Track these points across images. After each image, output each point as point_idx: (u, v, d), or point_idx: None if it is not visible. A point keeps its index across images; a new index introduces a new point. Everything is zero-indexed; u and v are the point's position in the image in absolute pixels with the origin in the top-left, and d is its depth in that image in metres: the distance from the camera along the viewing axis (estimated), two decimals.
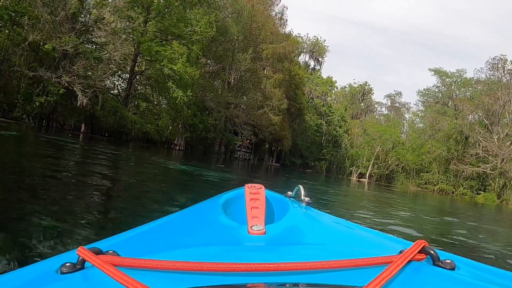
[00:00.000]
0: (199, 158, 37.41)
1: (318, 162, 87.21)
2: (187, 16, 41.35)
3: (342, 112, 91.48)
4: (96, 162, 13.21)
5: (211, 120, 52.53)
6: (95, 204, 5.97)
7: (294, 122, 73.71)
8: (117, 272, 0.74)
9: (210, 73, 54.29)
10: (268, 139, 65.31)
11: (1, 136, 16.99)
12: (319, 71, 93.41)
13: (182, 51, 37.41)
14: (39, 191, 6.22)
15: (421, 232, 9.21)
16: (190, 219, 1.42)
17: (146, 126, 39.61)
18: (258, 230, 1.12)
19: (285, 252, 1.01)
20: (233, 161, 52.25)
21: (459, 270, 0.90)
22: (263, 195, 1.45)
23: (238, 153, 66.17)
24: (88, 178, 8.87)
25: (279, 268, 0.81)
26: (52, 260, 0.91)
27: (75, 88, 32.73)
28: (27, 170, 8.27)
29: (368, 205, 16.29)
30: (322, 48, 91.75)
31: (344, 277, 0.82)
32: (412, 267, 0.88)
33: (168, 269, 0.79)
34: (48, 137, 22.46)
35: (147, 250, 0.98)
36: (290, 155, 79.27)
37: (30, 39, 31.50)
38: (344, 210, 12.04)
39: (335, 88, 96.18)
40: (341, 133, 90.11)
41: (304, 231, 1.32)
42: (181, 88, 37.97)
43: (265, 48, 55.50)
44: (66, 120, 37.09)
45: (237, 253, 0.98)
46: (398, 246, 1.04)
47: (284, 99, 58.12)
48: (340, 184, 39.21)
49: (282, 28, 67.18)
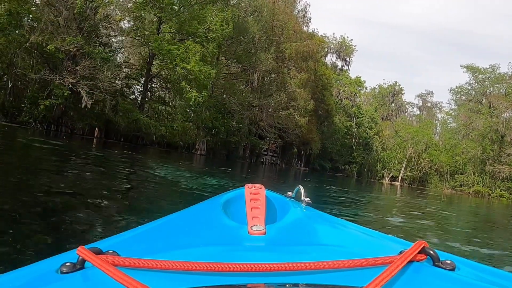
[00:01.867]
0: (222, 163, 34.49)
1: (348, 165, 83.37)
2: (201, 14, 38.77)
3: (372, 113, 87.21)
4: (122, 176, 11.60)
5: (234, 123, 49.72)
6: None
7: (322, 124, 70.49)
8: (117, 272, 0.73)
9: (231, 74, 51.60)
10: (295, 142, 61.84)
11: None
12: (347, 72, 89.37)
13: (196, 50, 34.79)
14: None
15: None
16: (190, 219, 1.40)
17: (160, 129, 36.96)
18: (258, 230, 1.10)
19: (285, 252, 1.00)
20: (259, 166, 48.89)
21: (459, 271, 0.89)
22: (263, 195, 1.42)
23: (265, 158, 62.57)
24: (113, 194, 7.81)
25: (279, 268, 0.80)
26: (52, 260, 0.90)
27: (80, 89, 30.49)
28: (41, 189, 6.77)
29: (402, 215, 13.33)
30: (349, 47, 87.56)
31: (344, 277, 0.81)
32: (412, 268, 0.87)
33: (168, 269, 0.79)
34: (52, 142, 20.50)
35: (147, 250, 0.97)
36: (319, 159, 75.30)
37: (32, 40, 29.62)
38: (379, 226, 9.38)
39: (364, 89, 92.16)
40: (371, 135, 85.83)
41: (304, 231, 1.29)
42: (196, 88, 35.35)
43: (288, 47, 52.20)
44: (76, 124, 34.70)
45: (237, 253, 0.97)
46: (398, 246, 1.03)
47: (310, 99, 54.63)
48: (372, 189, 35.88)
49: (306, 26, 64.12)
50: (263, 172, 35.10)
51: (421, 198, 29.70)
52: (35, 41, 29.86)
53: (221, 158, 46.55)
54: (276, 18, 51.53)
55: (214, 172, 21.03)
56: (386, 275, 0.75)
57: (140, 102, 39.74)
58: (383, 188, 41.82)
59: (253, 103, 52.11)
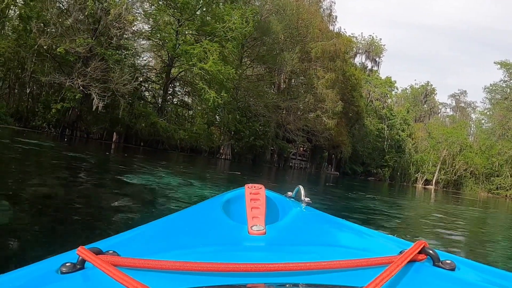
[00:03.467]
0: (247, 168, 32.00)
1: (380, 169, 79.79)
2: (220, 13, 36.78)
3: (404, 114, 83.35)
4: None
5: (260, 127, 47.37)
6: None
7: (353, 127, 67.58)
8: (117, 272, 0.72)
9: (256, 76, 49.24)
10: (325, 145, 58.85)
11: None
12: (377, 72, 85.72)
13: (213, 49, 32.71)
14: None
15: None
16: (190, 219, 1.37)
17: (179, 132, 34.87)
18: (258, 230, 1.08)
19: (285, 252, 0.99)
20: (287, 171, 46.23)
21: (459, 271, 0.88)
22: (263, 195, 1.39)
23: (293, 162, 59.46)
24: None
25: (279, 268, 0.80)
26: (52, 260, 0.89)
27: (91, 91, 28.79)
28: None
29: (440, 227, 10.62)
30: (379, 47, 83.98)
31: (344, 277, 0.81)
32: (412, 268, 0.86)
33: (168, 269, 0.78)
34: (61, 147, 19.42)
35: (147, 250, 0.95)
36: (350, 163, 72.15)
37: (41, 43, 28.46)
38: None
39: (395, 89, 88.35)
40: (404, 138, 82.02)
41: (304, 231, 1.26)
42: (216, 89, 33.28)
43: (314, 47, 49.42)
44: (90, 128, 32.99)
45: (237, 253, 0.96)
46: (398, 246, 1.02)
47: (338, 100, 51.67)
48: (405, 193, 32.69)
49: (331, 25, 61.24)
50: (292, 176, 32.85)
51: (457, 204, 26.28)
52: (45, 44, 28.87)
53: (247, 163, 44.28)
54: (300, 17, 49.02)
55: (234, 178, 18.79)
56: (386, 275, 0.74)
57: (160, 106, 37.95)
58: (417, 193, 38.47)
59: (280, 105, 49.70)
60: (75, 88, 29.07)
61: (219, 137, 44.50)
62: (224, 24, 35.99)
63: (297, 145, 58.13)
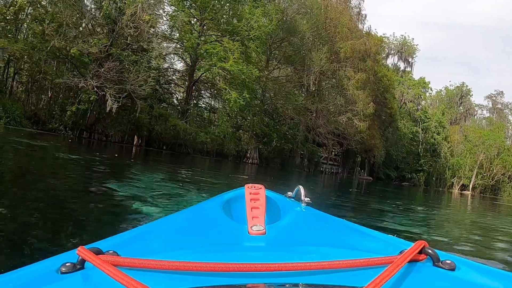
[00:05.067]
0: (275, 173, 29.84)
1: (415, 174, 75.83)
2: (242, 11, 35.11)
3: (439, 117, 79.02)
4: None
5: (288, 130, 45.22)
6: None
7: (386, 130, 64.11)
8: (117, 272, 0.72)
9: (284, 77, 47.05)
10: (357, 149, 56.00)
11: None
12: (410, 73, 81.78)
13: (234, 47, 30.91)
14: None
15: None
16: (190, 219, 1.37)
17: (200, 135, 33.05)
18: (258, 230, 1.09)
19: (285, 252, 0.99)
20: (318, 176, 43.69)
21: (459, 271, 0.88)
22: (263, 195, 1.39)
23: (324, 167, 56.63)
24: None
25: (279, 268, 0.80)
26: (52, 260, 0.89)
27: (105, 92, 27.43)
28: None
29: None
30: (411, 47, 79.95)
31: (344, 277, 0.81)
32: (412, 268, 0.86)
33: (168, 269, 0.78)
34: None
35: (147, 250, 0.95)
36: (383, 167, 68.69)
37: (54, 44, 27.43)
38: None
39: (429, 90, 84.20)
40: (439, 141, 77.85)
41: (304, 231, 1.26)
42: (239, 89, 31.50)
43: (343, 46, 46.88)
44: (108, 130, 31.58)
45: (237, 253, 0.96)
46: (398, 246, 1.02)
47: (370, 102, 48.88)
48: (440, 200, 29.72)
49: (361, 23, 58.70)
50: (323, 181, 30.90)
51: (497, 213, 22.97)
52: (59, 45, 27.92)
53: (275, 168, 42.08)
54: (328, 16, 46.61)
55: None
56: (386, 275, 0.74)
57: (184, 108, 36.28)
58: (453, 199, 35.46)
59: (309, 108, 47.35)
60: (89, 89, 27.86)
61: (248, 140, 42.61)
62: (246, 23, 34.27)
63: (328, 149, 55.50)
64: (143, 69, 29.57)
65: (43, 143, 18.37)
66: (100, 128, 31.26)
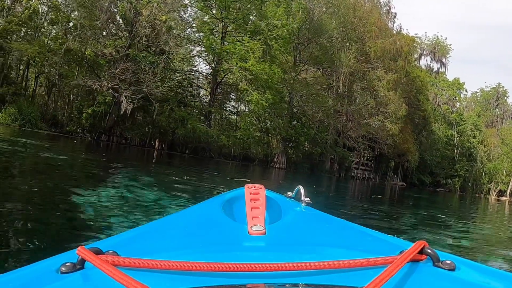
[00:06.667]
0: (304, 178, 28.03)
1: (450, 179, 72.31)
2: (264, 9, 33.86)
3: (475, 119, 75.39)
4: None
5: (317, 133, 43.41)
6: None
7: (420, 134, 61.00)
8: (117, 272, 0.72)
9: (311, 78, 45.32)
10: (389, 153, 53.50)
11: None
12: (444, 74, 78.32)
13: (256, 47, 29.49)
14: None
15: None
16: (190, 219, 1.36)
17: (221, 138, 31.60)
18: (258, 231, 1.08)
19: (285, 252, 0.99)
20: (348, 181, 41.60)
21: (459, 271, 0.88)
22: (263, 195, 1.38)
23: (355, 172, 54.18)
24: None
25: (279, 268, 0.80)
26: (52, 260, 0.88)
27: (120, 94, 26.54)
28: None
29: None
30: (444, 47, 76.58)
31: (344, 278, 0.81)
32: (412, 268, 0.86)
33: (168, 269, 0.77)
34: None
35: (147, 250, 0.94)
36: (417, 173, 65.60)
37: (69, 46, 27.08)
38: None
39: (463, 92, 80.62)
40: (475, 145, 74.09)
41: (304, 231, 1.25)
42: (261, 90, 30.08)
43: (373, 45, 44.78)
44: (127, 133, 30.54)
45: (237, 253, 0.96)
46: (398, 246, 1.01)
47: (402, 104, 46.53)
48: (476, 207, 27.37)
49: (390, 22, 56.31)
50: (353, 186, 29.18)
51: None
52: (74, 47, 27.44)
53: (304, 173, 40.17)
54: (356, 14, 44.57)
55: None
56: (386, 275, 0.74)
57: (207, 111, 34.98)
58: (489, 206, 32.74)
59: (339, 110, 45.35)
60: (104, 91, 27.00)
61: (275, 144, 41.06)
62: (268, 21, 32.84)
63: (360, 153, 53.26)
64: (160, 70, 28.43)
65: (40, 143, 17.41)
66: (118, 131, 30.16)
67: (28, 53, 26.99)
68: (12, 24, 27.12)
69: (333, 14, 43.59)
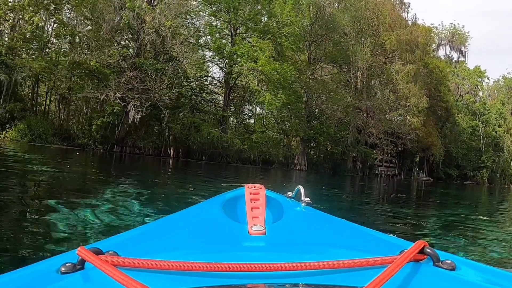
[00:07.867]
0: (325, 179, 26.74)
1: (478, 171, 69.38)
2: (272, 7, 32.91)
3: (499, 107, 72.08)
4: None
5: (337, 132, 42.05)
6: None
7: (444, 126, 58.75)
8: (117, 272, 0.72)
9: (327, 75, 44.04)
10: (413, 148, 51.62)
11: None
12: (464, 63, 75.49)
13: (265, 46, 28.48)
14: None
15: None
16: (190, 219, 1.36)
17: (235, 142, 30.57)
18: (258, 231, 1.08)
19: (285, 252, 0.99)
20: (373, 179, 39.95)
21: (459, 271, 0.88)
22: (263, 195, 1.39)
23: (379, 169, 52.03)
24: None
25: (279, 268, 0.79)
26: (52, 260, 0.88)
27: (128, 103, 25.95)
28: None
29: None
30: (463, 35, 73.82)
31: (344, 277, 0.81)
32: (412, 268, 0.86)
33: (168, 269, 0.77)
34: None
35: (147, 250, 0.95)
36: (443, 166, 63.16)
37: (73, 59, 26.83)
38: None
39: (485, 80, 77.42)
40: (501, 134, 70.82)
41: (304, 231, 1.25)
42: (273, 90, 29.02)
43: (388, 37, 43.24)
44: (138, 143, 29.73)
45: (237, 253, 0.96)
46: (398, 246, 1.01)
47: (422, 96, 44.74)
48: (506, 199, 25.56)
49: (404, 12, 54.39)
50: (378, 184, 27.79)
51: None
52: (79, 60, 27.16)
53: (326, 173, 38.80)
54: (368, 7, 43.18)
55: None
56: (386, 275, 0.73)
57: (221, 115, 33.98)
58: None
59: (359, 107, 43.91)
60: (112, 101, 26.49)
61: (295, 146, 39.87)
62: (277, 19, 31.82)
63: (382, 150, 51.55)
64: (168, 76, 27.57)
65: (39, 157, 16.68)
66: (130, 141, 29.31)
67: (34, 68, 26.52)
68: (16, 41, 26.92)
69: (344, 9, 42.30)
